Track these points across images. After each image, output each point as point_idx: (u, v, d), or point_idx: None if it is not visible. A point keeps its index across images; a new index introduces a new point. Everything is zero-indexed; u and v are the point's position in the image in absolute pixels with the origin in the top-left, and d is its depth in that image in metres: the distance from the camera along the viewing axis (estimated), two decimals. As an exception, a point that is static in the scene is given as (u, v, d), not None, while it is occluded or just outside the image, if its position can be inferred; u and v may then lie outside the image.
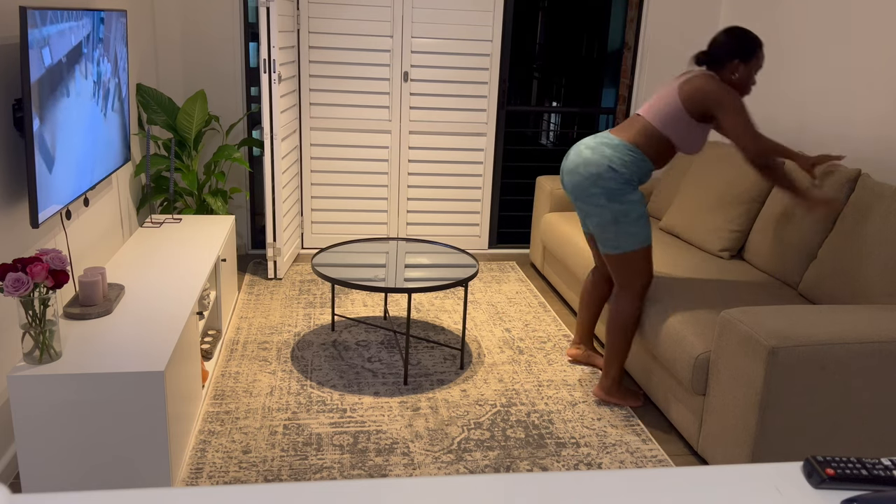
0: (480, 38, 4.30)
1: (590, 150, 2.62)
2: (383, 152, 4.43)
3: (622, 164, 2.58)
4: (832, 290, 2.68)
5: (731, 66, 2.60)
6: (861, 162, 3.19)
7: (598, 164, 2.58)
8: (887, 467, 0.97)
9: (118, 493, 0.87)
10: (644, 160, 2.62)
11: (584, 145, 2.66)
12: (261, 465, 2.36)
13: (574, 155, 2.67)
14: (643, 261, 2.68)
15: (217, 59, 4.15)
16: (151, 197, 3.61)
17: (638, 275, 2.70)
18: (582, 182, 2.62)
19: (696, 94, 2.53)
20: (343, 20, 4.17)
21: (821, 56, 3.46)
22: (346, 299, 3.82)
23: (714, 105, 2.51)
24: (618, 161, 2.58)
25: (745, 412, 2.19)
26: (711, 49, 2.63)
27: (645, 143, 2.61)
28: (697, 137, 2.63)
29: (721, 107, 2.50)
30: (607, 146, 2.60)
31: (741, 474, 0.98)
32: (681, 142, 2.62)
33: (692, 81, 2.56)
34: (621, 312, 2.74)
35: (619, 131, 2.67)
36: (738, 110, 2.48)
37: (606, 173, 2.58)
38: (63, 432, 2.05)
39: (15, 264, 1.92)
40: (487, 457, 2.47)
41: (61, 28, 2.30)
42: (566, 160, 2.72)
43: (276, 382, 2.90)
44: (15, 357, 2.32)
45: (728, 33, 2.60)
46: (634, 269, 2.69)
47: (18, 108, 2.28)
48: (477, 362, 3.16)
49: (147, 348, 2.16)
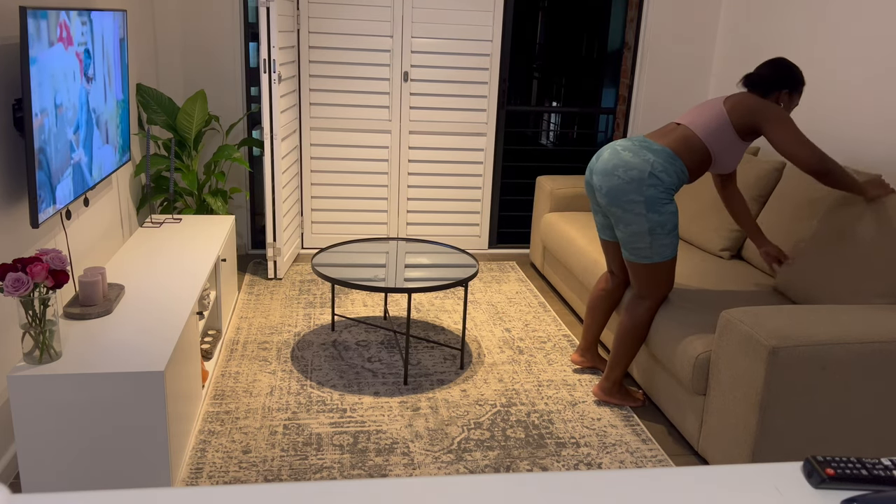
0: (480, 38, 4.30)
1: (630, 152, 2.49)
2: (383, 152, 4.43)
3: (665, 171, 2.47)
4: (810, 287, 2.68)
5: (777, 94, 2.59)
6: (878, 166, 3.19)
7: (641, 169, 2.46)
8: (887, 467, 0.97)
9: (118, 493, 0.87)
10: (684, 170, 2.52)
11: (620, 146, 2.53)
12: (261, 465, 2.36)
13: (611, 155, 2.53)
14: (669, 272, 2.61)
15: (217, 59, 4.15)
16: (151, 197, 3.61)
17: (662, 285, 2.63)
18: (622, 186, 2.48)
19: (743, 107, 2.51)
20: (343, 20, 4.17)
21: (821, 55, 3.46)
22: (346, 299, 3.82)
23: (761, 119, 2.48)
24: (660, 167, 2.46)
25: (746, 412, 2.19)
26: (760, 75, 2.61)
27: (686, 153, 2.53)
28: (736, 153, 2.59)
29: (768, 120, 2.47)
30: (649, 150, 2.48)
31: (741, 474, 0.98)
32: (720, 154, 2.56)
33: (738, 97, 2.55)
34: (637, 319, 2.68)
35: (658, 137, 2.58)
36: (787, 121, 2.45)
37: (649, 179, 2.46)
38: (63, 432, 2.05)
39: (15, 264, 1.92)
40: (487, 457, 2.47)
41: (61, 28, 2.30)
42: (598, 160, 2.59)
43: (276, 382, 2.90)
44: (15, 357, 2.32)
45: (778, 64, 2.60)
46: (660, 279, 2.62)
47: (18, 108, 2.28)
48: (477, 362, 3.16)
49: (147, 348, 2.16)
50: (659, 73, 4.54)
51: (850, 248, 2.59)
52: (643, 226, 2.50)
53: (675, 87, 4.57)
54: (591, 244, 3.47)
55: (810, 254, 2.73)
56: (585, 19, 8.52)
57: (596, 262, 3.30)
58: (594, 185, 2.61)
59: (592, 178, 2.62)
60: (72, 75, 2.41)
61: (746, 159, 3.38)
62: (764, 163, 3.28)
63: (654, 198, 2.47)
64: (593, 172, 2.61)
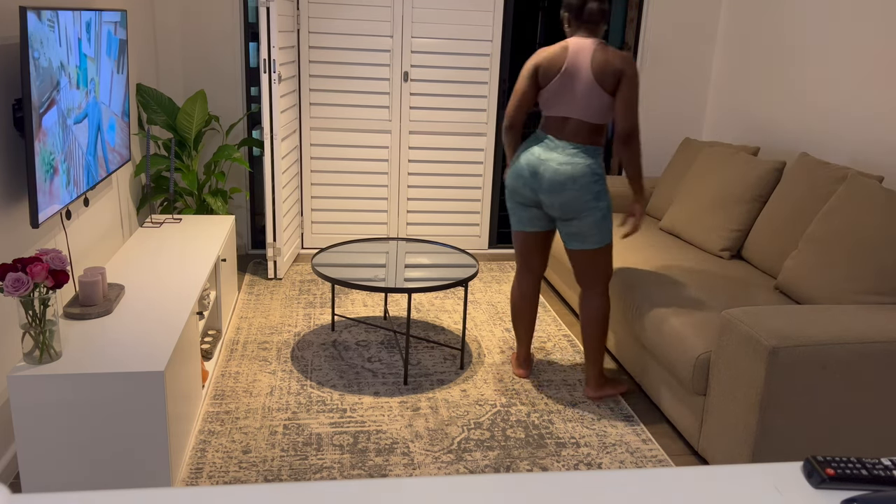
0: (480, 38, 4.30)
1: (568, 165, 2.63)
2: (383, 152, 4.43)
3: (597, 164, 2.68)
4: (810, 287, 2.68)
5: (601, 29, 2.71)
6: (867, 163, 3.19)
7: (584, 174, 2.63)
8: (887, 467, 0.97)
9: (118, 493, 0.87)
10: (599, 151, 2.71)
11: (555, 163, 2.65)
12: (261, 465, 2.36)
13: (553, 174, 2.65)
14: (610, 253, 2.79)
15: (217, 59, 4.15)
16: (151, 197, 3.61)
17: (609, 267, 2.80)
18: (575, 195, 2.64)
19: (610, 75, 2.60)
20: (343, 20, 4.17)
21: (821, 55, 3.46)
22: (346, 299, 3.82)
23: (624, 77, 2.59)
24: (595, 165, 2.67)
25: (746, 412, 2.19)
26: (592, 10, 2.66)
27: (596, 140, 2.69)
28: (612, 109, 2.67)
29: (629, 78, 2.59)
30: (579, 155, 2.65)
31: (741, 474, 0.98)
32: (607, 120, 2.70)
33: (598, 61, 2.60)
34: (601, 311, 2.80)
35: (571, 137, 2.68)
36: (637, 83, 2.61)
37: (592, 178, 2.65)
38: (63, 432, 2.05)
39: (15, 264, 1.92)
40: (487, 457, 2.47)
41: (61, 28, 2.30)
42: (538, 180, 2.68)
43: (276, 382, 2.90)
44: (15, 357, 2.32)
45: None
46: (608, 261, 2.78)
47: (18, 108, 2.28)
48: (477, 362, 3.16)
49: (147, 348, 2.16)
50: (659, 73, 4.54)
51: (850, 248, 2.59)
52: (597, 215, 2.69)
53: (675, 86, 4.57)
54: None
55: (810, 254, 2.73)
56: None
57: (596, 262, 3.30)
58: (544, 202, 2.72)
59: (545, 198, 2.70)
60: (72, 75, 2.41)
61: (746, 159, 3.38)
62: (764, 163, 3.28)
63: (600, 190, 2.68)
64: (538, 192, 2.71)
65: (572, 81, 2.64)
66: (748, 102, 4.07)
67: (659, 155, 4.71)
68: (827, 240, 2.68)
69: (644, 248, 3.36)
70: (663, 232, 3.70)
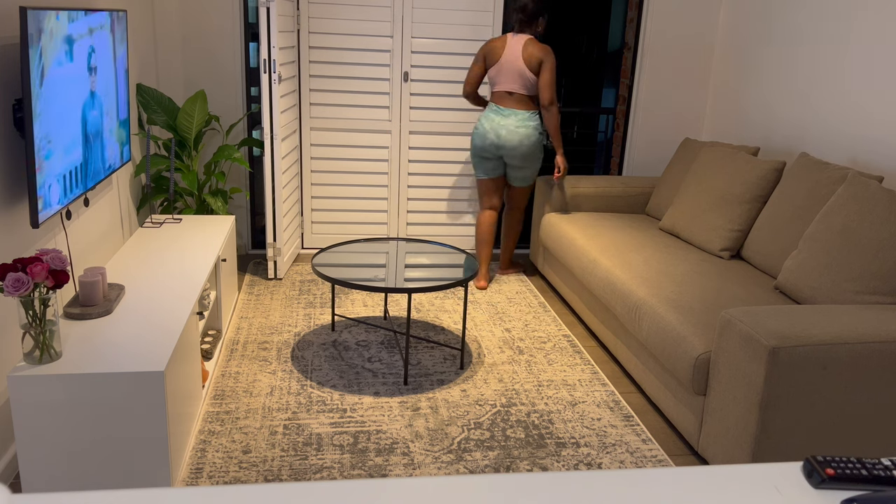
0: (480, 38, 4.30)
1: (523, 128, 3.76)
2: (383, 152, 4.43)
3: (539, 126, 3.83)
4: (810, 287, 2.68)
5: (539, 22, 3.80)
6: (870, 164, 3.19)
7: (533, 134, 3.79)
8: (887, 467, 0.97)
9: (118, 493, 0.87)
10: (537, 114, 3.84)
11: (512, 125, 3.77)
12: (261, 465, 2.36)
13: (510, 134, 3.77)
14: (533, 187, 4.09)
15: (217, 59, 4.15)
16: (151, 197, 3.61)
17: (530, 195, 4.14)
18: (530, 148, 3.80)
19: (536, 61, 3.71)
20: (343, 20, 4.17)
21: (820, 55, 3.46)
22: (346, 299, 3.82)
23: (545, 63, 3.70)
24: (539, 126, 3.82)
25: (746, 412, 2.19)
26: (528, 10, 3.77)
27: (533, 107, 3.84)
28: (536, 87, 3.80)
29: (548, 64, 3.68)
30: (528, 120, 3.78)
31: (741, 474, 0.98)
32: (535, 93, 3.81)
33: (528, 52, 3.71)
34: (518, 220, 4.18)
35: (519, 106, 3.79)
36: (554, 67, 3.68)
37: (538, 136, 3.82)
38: (63, 432, 2.06)
39: (15, 264, 1.92)
40: (487, 457, 2.47)
41: (61, 27, 2.30)
42: (500, 139, 3.78)
43: (276, 382, 2.90)
44: (15, 357, 2.32)
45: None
46: (531, 192, 4.12)
47: (18, 108, 2.28)
48: (477, 362, 3.16)
49: (147, 348, 2.16)
50: (659, 73, 4.54)
51: (850, 248, 2.59)
52: (537, 164, 3.92)
53: (675, 86, 4.57)
54: (591, 244, 3.47)
55: (810, 254, 2.73)
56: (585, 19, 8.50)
57: (595, 262, 3.30)
58: (505, 155, 3.83)
59: (505, 152, 3.81)
60: (72, 75, 2.41)
61: (746, 159, 3.38)
62: (764, 163, 3.28)
63: (542, 146, 3.86)
64: (503, 148, 3.81)
65: (510, 65, 3.75)
66: (748, 102, 4.07)
67: (659, 155, 4.70)
68: (827, 240, 2.68)
69: (644, 248, 3.36)
70: (663, 232, 3.70)
